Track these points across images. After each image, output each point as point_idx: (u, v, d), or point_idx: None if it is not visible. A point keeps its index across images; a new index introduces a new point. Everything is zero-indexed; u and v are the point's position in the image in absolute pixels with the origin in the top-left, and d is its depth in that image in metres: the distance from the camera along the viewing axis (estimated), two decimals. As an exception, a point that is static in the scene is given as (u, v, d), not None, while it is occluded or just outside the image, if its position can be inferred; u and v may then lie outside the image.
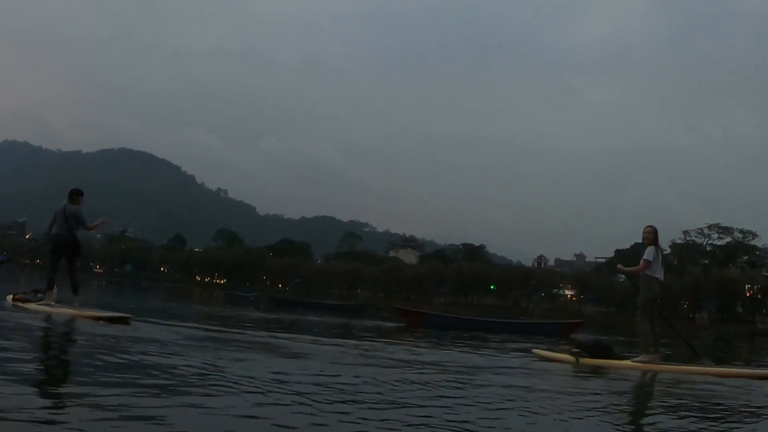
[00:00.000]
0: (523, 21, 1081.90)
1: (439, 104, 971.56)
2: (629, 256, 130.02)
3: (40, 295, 13.85)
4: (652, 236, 12.37)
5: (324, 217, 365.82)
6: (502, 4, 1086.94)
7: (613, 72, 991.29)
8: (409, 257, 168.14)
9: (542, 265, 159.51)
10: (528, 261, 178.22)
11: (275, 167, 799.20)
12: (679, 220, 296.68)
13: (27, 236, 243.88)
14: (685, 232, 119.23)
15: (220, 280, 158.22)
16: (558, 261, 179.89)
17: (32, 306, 13.10)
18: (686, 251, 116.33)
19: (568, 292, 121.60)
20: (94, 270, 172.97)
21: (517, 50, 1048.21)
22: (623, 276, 14.09)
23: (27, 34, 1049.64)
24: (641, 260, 12.21)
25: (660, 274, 12.35)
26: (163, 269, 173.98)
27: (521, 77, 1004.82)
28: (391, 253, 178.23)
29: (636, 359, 12.02)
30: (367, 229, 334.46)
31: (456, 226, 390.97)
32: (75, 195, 14.89)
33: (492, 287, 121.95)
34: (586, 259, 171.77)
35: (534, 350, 13.68)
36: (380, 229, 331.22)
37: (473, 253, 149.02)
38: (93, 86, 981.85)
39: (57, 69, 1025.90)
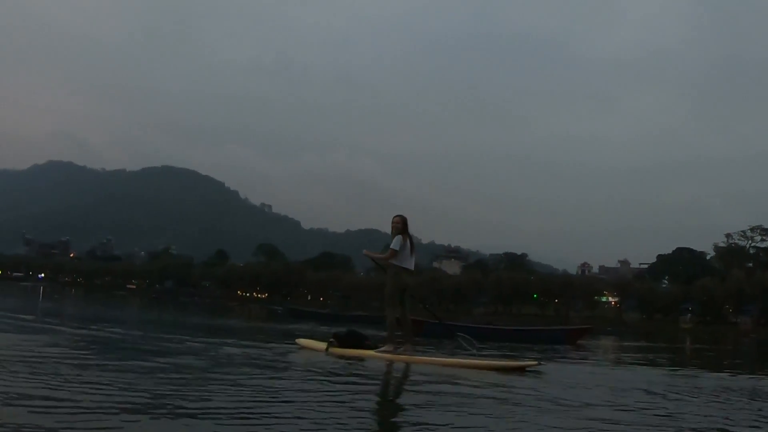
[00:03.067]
0: (557, 30, 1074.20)
1: (476, 115, 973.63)
2: (672, 260, 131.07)
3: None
4: (400, 226, 12.48)
5: (368, 230, 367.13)
6: (535, 15, 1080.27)
7: (651, 78, 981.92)
8: (453, 268, 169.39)
9: (586, 273, 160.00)
10: (573, 269, 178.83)
11: (317, 181, 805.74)
12: (722, 222, 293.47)
13: (71, 255, 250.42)
14: (728, 235, 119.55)
15: (260, 295, 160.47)
16: (602, 268, 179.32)
17: None
18: (729, 254, 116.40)
19: (611, 300, 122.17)
20: (128, 286, 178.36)
21: (553, 59, 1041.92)
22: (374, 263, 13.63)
23: (66, 57, 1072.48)
24: (389, 249, 12.32)
25: (409, 264, 12.47)
26: (204, 284, 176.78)
27: (558, 85, 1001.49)
28: (435, 264, 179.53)
29: (380, 349, 12.21)
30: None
31: (502, 235, 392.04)
32: None
33: (534, 296, 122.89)
34: (631, 266, 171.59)
35: (297, 339, 14.34)
36: (425, 241, 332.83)
37: (515, 262, 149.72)
38: (133, 104, 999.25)
39: (96, 89, 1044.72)
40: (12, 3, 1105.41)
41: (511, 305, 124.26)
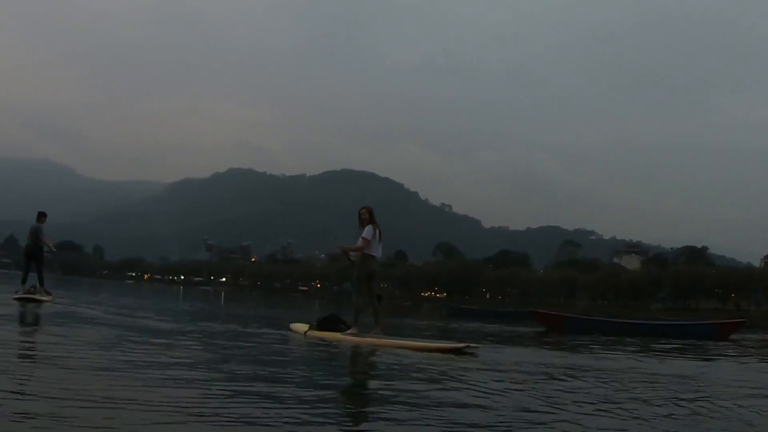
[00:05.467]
0: (735, 18, 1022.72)
1: (648, 103, 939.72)
2: None
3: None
4: (367, 216, 13.88)
5: (548, 227, 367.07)
6: (712, 4, 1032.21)
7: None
8: (633, 263, 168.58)
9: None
10: (757, 261, 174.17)
11: (495, 179, 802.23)
12: None
13: (253, 259, 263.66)
14: None
15: (439, 295, 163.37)
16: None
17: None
18: None
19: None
20: (300, 288, 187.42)
21: (732, 48, 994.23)
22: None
23: (243, 68, 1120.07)
24: (361, 239, 13.72)
25: (377, 252, 13.94)
26: (383, 285, 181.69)
27: (737, 72, 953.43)
28: (615, 260, 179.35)
29: (347, 332, 13.65)
30: (593, 237, 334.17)
31: (682, 228, 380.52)
32: (40, 216, 21.80)
33: (718, 290, 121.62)
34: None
35: (291, 324, 15.88)
36: (606, 236, 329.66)
37: (694, 255, 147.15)
38: (310, 110, 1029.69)
39: (273, 97, 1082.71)
40: (193, 21, 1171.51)
41: (689, 300, 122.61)
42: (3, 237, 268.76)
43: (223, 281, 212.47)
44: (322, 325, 14.30)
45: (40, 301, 19.81)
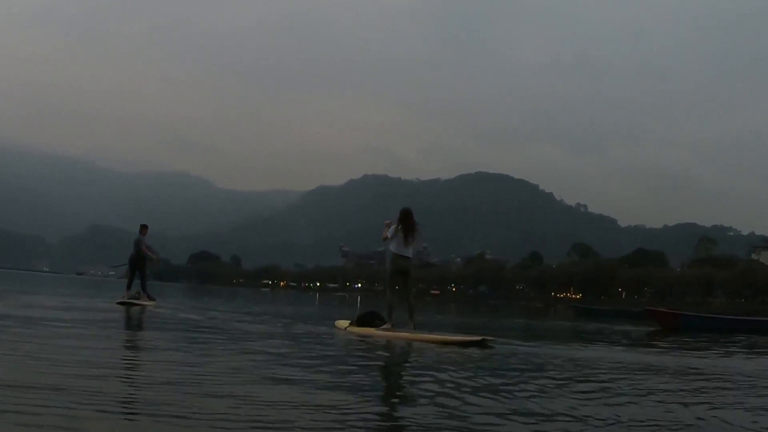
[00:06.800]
0: None
1: None
2: None
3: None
4: (397, 217, 14.74)
5: (685, 224, 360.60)
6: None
7: None
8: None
9: None
10: None
11: (628, 177, 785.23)
12: None
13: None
14: None
15: (575, 295, 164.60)
16: None
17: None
18: None
19: None
20: (432, 292, 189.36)
21: None
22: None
23: (374, 75, 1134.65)
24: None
25: (402, 251, 14.57)
26: (518, 287, 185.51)
27: None
28: (753, 256, 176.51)
29: (382, 327, 14.41)
30: (732, 233, 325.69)
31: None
32: (142, 228, 23.70)
33: None
34: None
35: (336, 321, 16.73)
36: (744, 232, 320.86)
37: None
38: (441, 114, 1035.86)
39: (404, 103, 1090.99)
40: (322, 31, 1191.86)
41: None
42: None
43: (359, 287, 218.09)
44: (361, 321, 15.24)
45: (143, 305, 21.67)
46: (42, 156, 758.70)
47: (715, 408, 6.45)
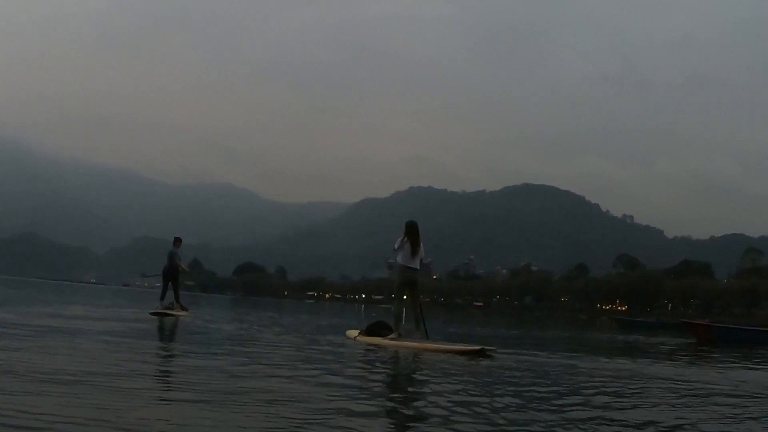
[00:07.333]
0: None
1: None
2: None
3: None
4: (404, 230, 15.37)
5: (733, 234, 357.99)
6: None
7: None
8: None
9: None
10: None
11: (675, 187, 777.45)
12: None
13: (434, 277, 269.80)
14: None
15: (620, 307, 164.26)
16: None
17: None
18: None
19: None
20: (475, 303, 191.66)
21: None
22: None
23: (418, 84, 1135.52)
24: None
25: (410, 262, 15.37)
26: (563, 299, 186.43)
27: None
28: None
29: (389, 336, 14.75)
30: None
31: None
32: (176, 240, 25.09)
33: None
34: None
35: (347, 331, 17.40)
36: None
37: None
38: (486, 124, 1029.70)
39: (449, 112, 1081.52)
40: (367, 40, 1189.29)
41: None
42: (188, 260, 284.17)
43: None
44: (369, 330, 15.72)
45: (177, 316, 22.57)
46: (87, 166, 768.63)
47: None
